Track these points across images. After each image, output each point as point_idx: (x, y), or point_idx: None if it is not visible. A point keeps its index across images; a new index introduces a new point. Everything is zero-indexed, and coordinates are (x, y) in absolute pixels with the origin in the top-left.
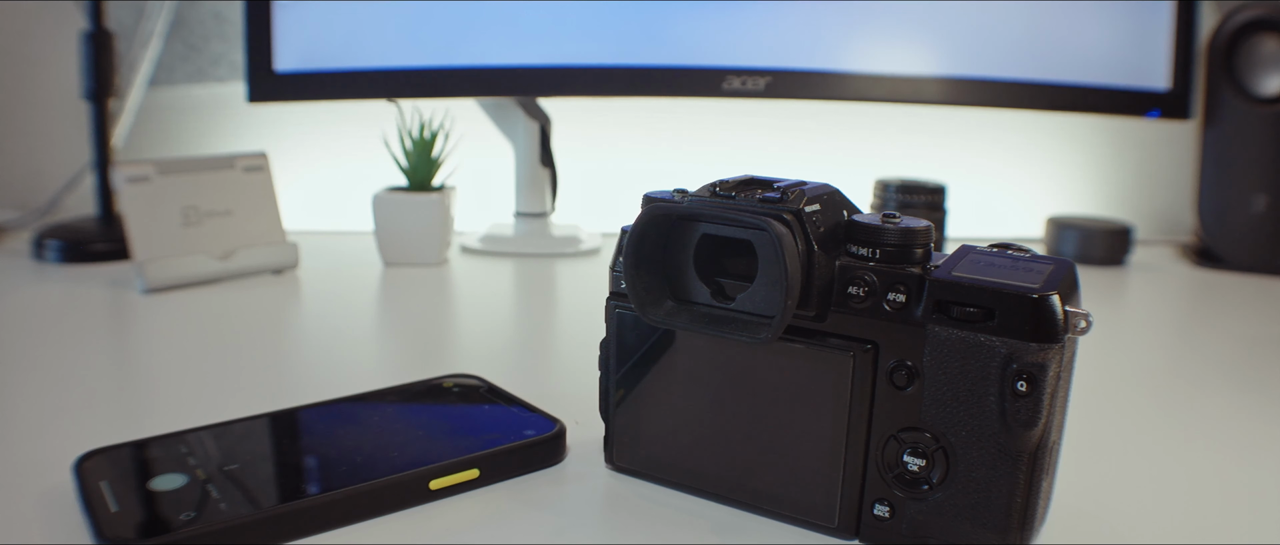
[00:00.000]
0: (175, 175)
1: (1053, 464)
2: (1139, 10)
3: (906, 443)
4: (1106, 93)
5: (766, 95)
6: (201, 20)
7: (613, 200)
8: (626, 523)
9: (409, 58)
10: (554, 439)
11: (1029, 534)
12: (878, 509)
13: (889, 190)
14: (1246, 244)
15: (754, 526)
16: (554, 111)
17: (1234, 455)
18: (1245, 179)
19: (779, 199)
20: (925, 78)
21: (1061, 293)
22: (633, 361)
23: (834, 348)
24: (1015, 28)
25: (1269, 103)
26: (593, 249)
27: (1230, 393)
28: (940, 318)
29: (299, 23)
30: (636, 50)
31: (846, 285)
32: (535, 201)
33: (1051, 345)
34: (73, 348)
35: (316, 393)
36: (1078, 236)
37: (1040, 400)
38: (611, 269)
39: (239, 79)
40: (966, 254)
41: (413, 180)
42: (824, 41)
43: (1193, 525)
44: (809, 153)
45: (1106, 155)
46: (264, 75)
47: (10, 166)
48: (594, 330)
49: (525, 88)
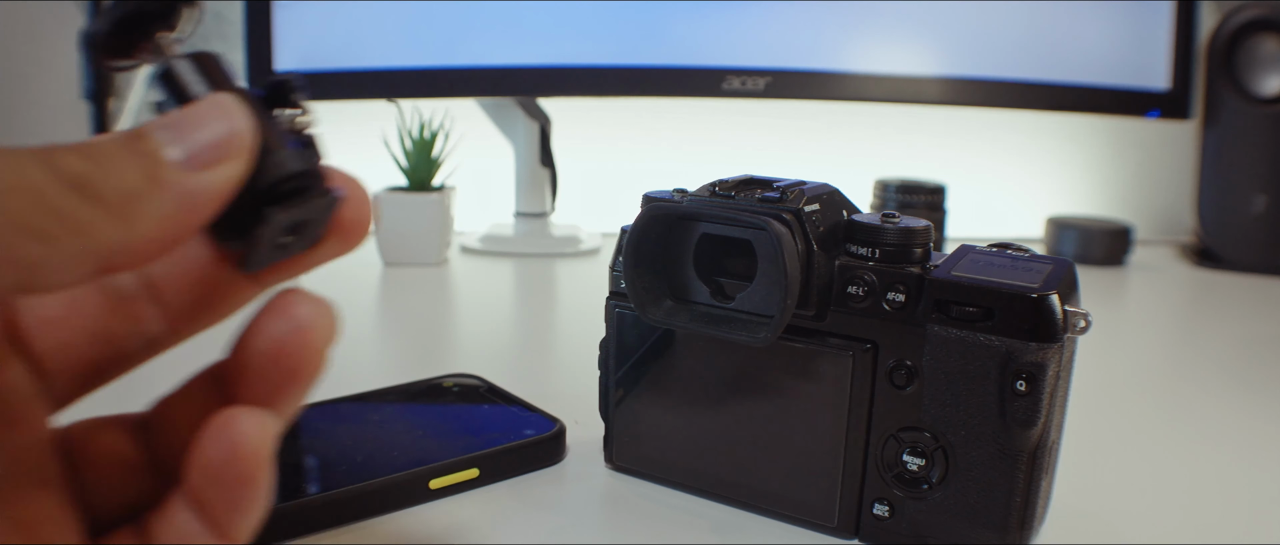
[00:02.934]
0: None
1: (1052, 464)
2: (1139, 10)
3: (906, 442)
4: (1106, 93)
5: (766, 95)
6: (202, 20)
7: (613, 200)
8: (626, 522)
9: (409, 58)
10: (554, 438)
11: (1028, 533)
12: (877, 508)
13: (889, 190)
14: (1246, 244)
15: (753, 526)
16: (554, 111)
17: (1234, 455)
18: (1245, 179)
19: (778, 199)
20: (925, 78)
21: (1061, 292)
22: (632, 361)
23: (833, 347)
24: (1015, 28)
25: (1269, 103)
26: (593, 249)
27: (1230, 393)
28: (940, 317)
29: (299, 23)
30: (636, 50)
31: (846, 285)
32: (535, 201)
33: (1051, 345)
34: None
35: (316, 392)
36: (1077, 236)
37: (1039, 400)
38: (611, 269)
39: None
40: (966, 254)
41: (413, 180)
42: (824, 41)
43: (1193, 525)
44: (809, 153)
45: (1106, 155)
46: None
47: None
48: (594, 330)
49: (525, 88)
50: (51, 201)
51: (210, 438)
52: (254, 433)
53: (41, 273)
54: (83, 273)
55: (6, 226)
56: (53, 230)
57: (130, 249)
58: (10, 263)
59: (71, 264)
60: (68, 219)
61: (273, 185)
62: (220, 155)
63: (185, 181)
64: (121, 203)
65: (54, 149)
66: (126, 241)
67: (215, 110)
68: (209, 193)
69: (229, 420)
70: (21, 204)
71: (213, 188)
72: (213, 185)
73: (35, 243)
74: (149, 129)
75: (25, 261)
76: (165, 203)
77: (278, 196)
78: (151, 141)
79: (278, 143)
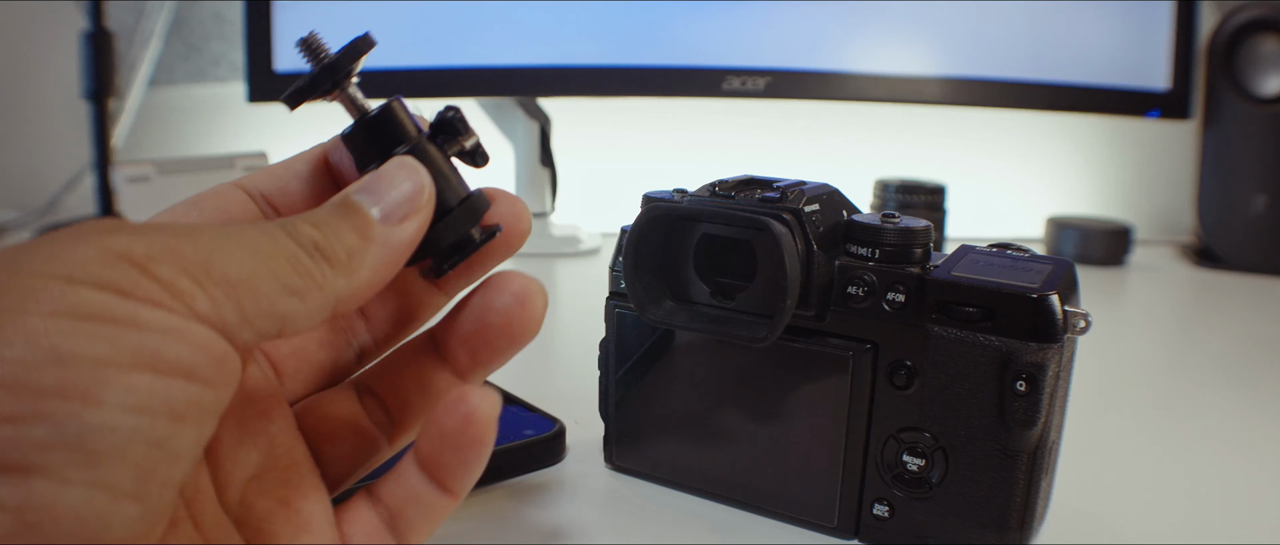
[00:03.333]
0: (175, 175)
1: (1052, 464)
2: (1139, 10)
3: (906, 443)
4: (1106, 93)
5: (766, 95)
6: (201, 20)
7: (613, 200)
8: (626, 523)
9: (409, 58)
10: (554, 439)
11: (1028, 534)
12: (877, 509)
13: (889, 190)
14: (1246, 244)
15: (753, 526)
16: (554, 111)
17: (1234, 455)
18: (1245, 179)
19: (778, 199)
20: (925, 78)
21: (1061, 293)
22: (632, 361)
23: (833, 348)
24: (1015, 28)
25: (1269, 103)
26: (593, 249)
27: (1230, 393)
28: (940, 318)
29: (299, 23)
30: (636, 50)
31: (846, 285)
32: (535, 201)
33: (1051, 345)
34: None
35: None
36: (1077, 236)
37: (1039, 400)
38: (611, 269)
39: (239, 79)
40: (966, 254)
41: None
42: (824, 41)
43: (1193, 525)
44: (809, 153)
45: (1106, 155)
46: (264, 75)
47: (10, 166)
48: (594, 330)
49: (525, 88)
50: (303, 265)
51: (446, 410)
52: (485, 404)
53: (292, 321)
54: (320, 319)
55: (273, 288)
56: (303, 288)
57: (354, 295)
58: (272, 316)
59: (314, 313)
60: (312, 278)
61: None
62: (410, 210)
63: (388, 235)
64: (346, 260)
65: (294, 221)
66: (351, 289)
67: (403, 172)
68: (406, 241)
69: (463, 395)
70: (283, 269)
71: (408, 236)
72: (408, 234)
73: (291, 298)
74: (355, 196)
75: (282, 314)
76: (376, 254)
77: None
78: (360, 206)
79: (449, 180)
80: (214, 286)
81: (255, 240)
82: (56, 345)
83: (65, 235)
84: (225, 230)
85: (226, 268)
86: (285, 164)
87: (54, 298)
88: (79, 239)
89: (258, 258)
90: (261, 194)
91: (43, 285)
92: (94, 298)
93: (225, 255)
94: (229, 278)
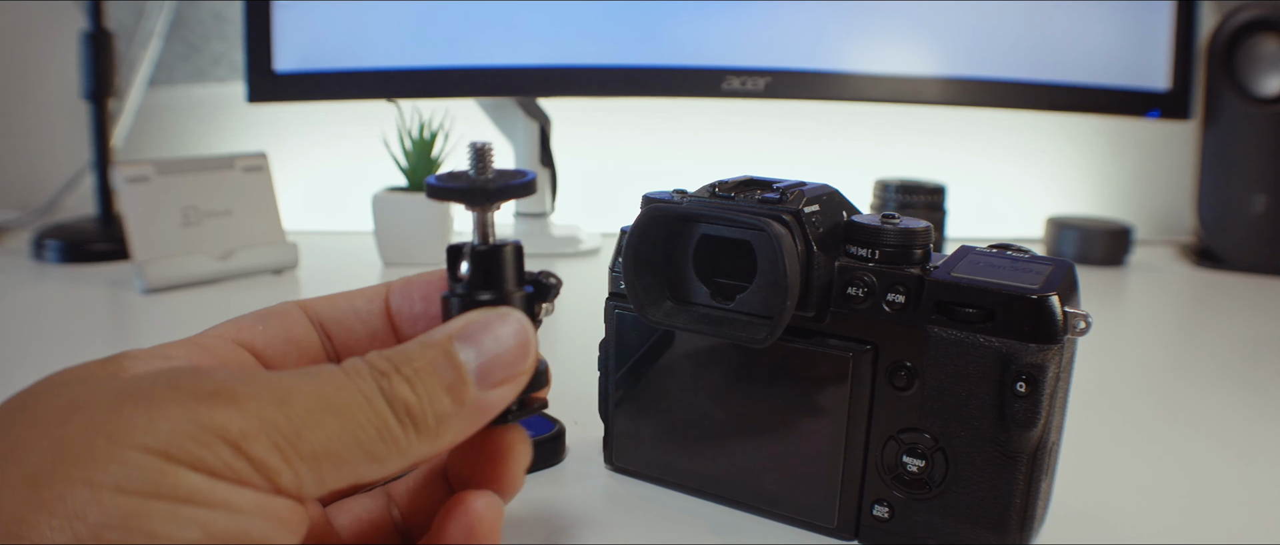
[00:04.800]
0: (175, 175)
1: (1052, 464)
2: (1139, 10)
3: (906, 444)
4: (1106, 93)
5: (766, 95)
6: (201, 20)
7: (613, 200)
8: (626, 523)
9: (409, 58)
10: (554, 439)
11: (1028, 534)
12: (877, 510)
13: (889, 190)
14: (1246, 244)
15: (753, 527)
16: (554, 111)
17: (1234, 455)
18: (1245, 179)
19: (778, 199)
20: (925, 78)
21: (1061, 293)
22: (632, 362)
23: (833, 349)
24: (1015, 28)
25: (1269, 103)
26: (592, 249)
27: (1230, 393)
28: (940, 319)
29: (299, 23)
30: (636, 50)
31: (846, 286)
32: (535, 201)
33: (1051, 346)
34: (73, 348)
35: None
36: (1077, 237)
37: (1039, 401)
38: (611, 269)
39: (239, 79)
40: (966, 254)
41: (413, 180)
42: (824, 41)
43: (1192, 525)
44: (809, 153)
45: (1106, 155)
46: (264, 75)
47: (10, 166)
48: (594, 330)
49: (525, 88)
50: (392, 434)
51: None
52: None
53: (364, 480)
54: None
55: (356, 456)
56: (385, 455)
57: (431, 456)
58: (349, 479)
59: (389, 473)
60: (397, 446)
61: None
62: (509, 376)
63: (480, 400)
64: (434, 426)
65: (392, 376)
66: (430, 452)
67: (509, 329)
68: (496, 410)
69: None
70: (371, 438)
71: (499, 405)
72: (500, 403)
73: (371, 464)
74: (459, 348)
75: (359, 476)
76: (465, 418)
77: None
78: (462, 366)
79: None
80: (300, 461)
81: (350, 406)
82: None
83: (161, 393)
84: (319, 392)
85: (314, 440)
86: (347, 297)
87: (153, 479)
88: (175, 402)
89: (348, 427)
90: (320, 322)
91: (140, 460)
92: (190, 480)
93: (315, 424)
94: (316, 451)
